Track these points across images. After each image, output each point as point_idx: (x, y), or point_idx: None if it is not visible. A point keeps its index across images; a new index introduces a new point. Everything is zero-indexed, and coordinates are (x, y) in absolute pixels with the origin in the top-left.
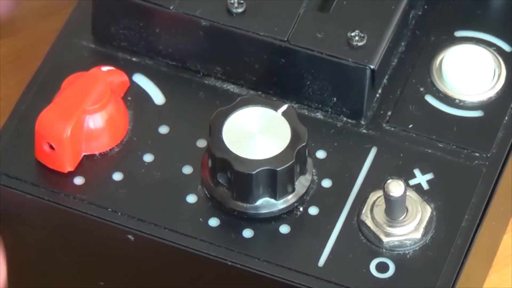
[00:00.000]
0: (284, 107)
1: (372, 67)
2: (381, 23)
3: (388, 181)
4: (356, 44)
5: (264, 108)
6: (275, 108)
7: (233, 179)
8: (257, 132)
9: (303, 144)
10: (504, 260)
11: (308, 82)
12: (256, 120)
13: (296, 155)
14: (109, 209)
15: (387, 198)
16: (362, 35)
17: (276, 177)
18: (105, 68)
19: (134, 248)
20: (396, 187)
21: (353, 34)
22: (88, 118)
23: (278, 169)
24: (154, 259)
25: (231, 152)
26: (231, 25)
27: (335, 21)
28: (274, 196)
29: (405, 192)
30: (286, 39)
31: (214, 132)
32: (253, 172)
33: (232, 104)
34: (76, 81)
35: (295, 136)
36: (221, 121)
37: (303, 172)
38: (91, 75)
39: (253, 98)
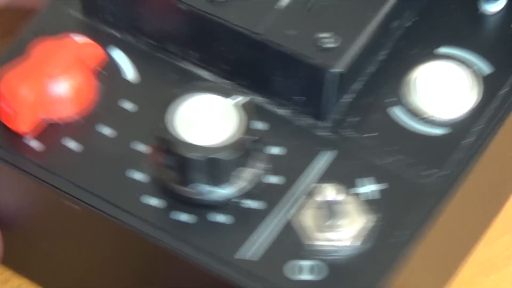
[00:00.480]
0: (240, 98)
1: (337, 70)
2: (355, 29)
3: (324, 185)
4: (327, 46)
5: (220, 97)
6: (231, 98)
7: (175, 161)
8: (206, 118)
9: (251, 137)
10: (504, 260)
11: (276, 78)
12: (209, 107)
13: (241, 147)
14: (57, 174)
15: (322, 201)
16: (334, 38)
17: (217, 166)
18: (77, 37)
19: (74, 215)
20: (331, 191)
21: (325, 35)
22: (51, 83)
23: (220, 158)
24: (92, 229)
25: (175, 134)
26: (210, 12)
27: (311, 21)
28: (215, 184)
29: (339, 197)
30: (260, 32)
31: (163, 113)
32: (193, 157)
33: (189, 87)
34: (43, 46)
35: (244, 128)
36: (173, 103)
37: (250, 165)
38: (59, 42)
39: (210, 85)
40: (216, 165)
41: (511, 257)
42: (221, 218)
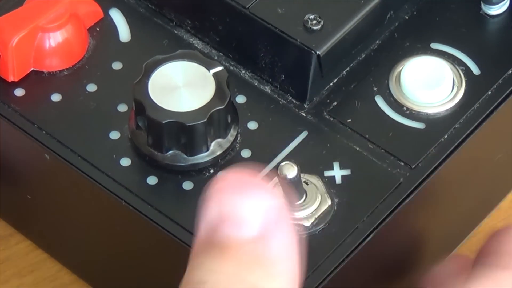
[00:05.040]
0: (218, 68)
1: (318, 52)
2: (343, 13)
3: (283, 164)
4: (311, 28)
5: (198, 65)
6: (209, 68)
7: (147, 124)
8: (182, 85)
9: (220, 107)
10: None
11: (262, 54)
12: (186, 74)
13: (210, 116)
14: (36, 125)
15: (280, 179)
16: (320, 20)
17: (186, 132)
18: None
19: (49, 168)
20: (289, 170)
21: (311, 17)
22: (42, 35)
23: (187, 124)
24: (64, 182)
25: (149, 97)
26: None
27: (301, 1)
28: (186, 151)
29: (298, 176)
30: (247, 6)
31: (143, 76)
32: (163, 121)
33: (171, 54)
34: None
35: (216, 98)
36: (154, 67)
37: (221, 135)
38: None
39: (192, 53)
40: (189, 133)
41: None
42: (189, 185)
